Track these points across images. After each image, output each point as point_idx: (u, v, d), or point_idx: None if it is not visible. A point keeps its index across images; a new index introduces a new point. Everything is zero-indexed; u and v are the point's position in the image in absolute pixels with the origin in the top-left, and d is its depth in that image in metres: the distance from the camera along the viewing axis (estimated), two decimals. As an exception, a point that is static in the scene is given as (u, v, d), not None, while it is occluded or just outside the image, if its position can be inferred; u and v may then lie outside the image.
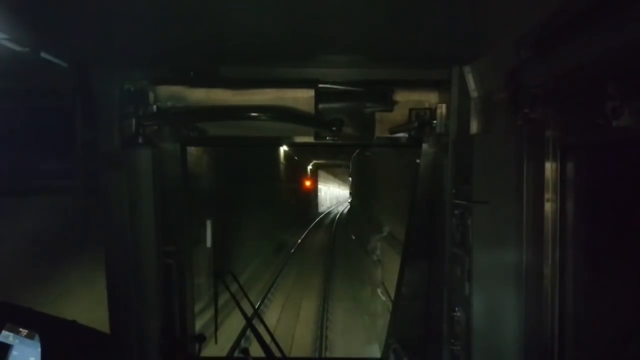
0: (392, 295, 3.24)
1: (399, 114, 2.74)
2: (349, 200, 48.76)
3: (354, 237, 23.80)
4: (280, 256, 21.27)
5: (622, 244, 1.63)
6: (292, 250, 23.40)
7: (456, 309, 2.27)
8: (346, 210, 49.37)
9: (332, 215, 48.39)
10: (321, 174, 55.67)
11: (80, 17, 2.08)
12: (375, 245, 15.92)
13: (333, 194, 79.01)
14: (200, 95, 2.71)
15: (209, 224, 9.78)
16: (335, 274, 18.30)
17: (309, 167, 43.88)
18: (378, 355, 3.30)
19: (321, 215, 46.36)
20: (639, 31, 1.15)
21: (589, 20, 1.42)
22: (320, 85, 2.66)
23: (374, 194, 20.66)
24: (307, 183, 41.71)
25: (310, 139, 2.82)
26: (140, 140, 2.56)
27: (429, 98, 2.72)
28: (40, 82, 2.54)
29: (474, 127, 2.42)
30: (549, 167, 1.84)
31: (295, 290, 16.01)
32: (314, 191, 50.02)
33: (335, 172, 59.74)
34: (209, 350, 3.42)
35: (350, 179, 47.47)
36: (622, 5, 1.24)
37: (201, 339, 3.06)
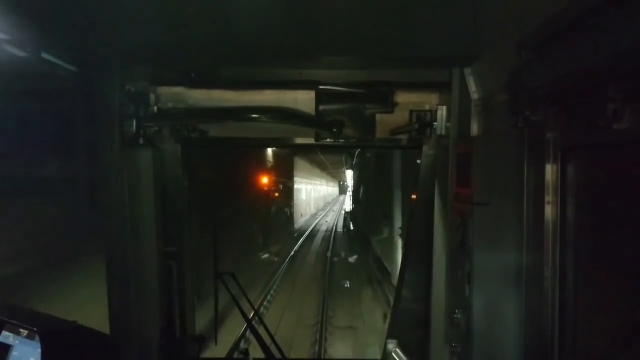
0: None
1: (399, 116, 2.74)
2: (347, 209, 34.89)
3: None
4: None
5: (622, 246, 1.63)
6: None
7: (456, 310, 2.27)
8: (341, 221, 34.96)
9: (320, 241, 26.75)
10: (300, 164, 36.88)
11: (81, 18, 2.09)
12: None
13: (319, 193, 62.53)
14: (200, 96, 2.72)
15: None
16: None
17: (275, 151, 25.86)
18: (378, 357, 3.30)
19: (300, 240, 25.42)
20: (639, 31, 1.15)
21: (590, 22, 1.42)
22: (320, 87, 2.67)
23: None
24: (264, 180, 23.67)
25: (310, 140, 2.82)
26: (140, 141, 2.56)
27: (430, 99, 2.72)
28: (41, 83, 2.55)
29: (474, 128, 2.42)
30: (550, 169, 1.84)
31: None
32: (287, 193, 29.75)
33: (322, 163, 44.06)
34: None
35: (348, 172, 37.90)
36: (623, 7, 1.24)
37: (201, 339, 3.06)
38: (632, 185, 1.54)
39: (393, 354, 2.92)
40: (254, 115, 2.63)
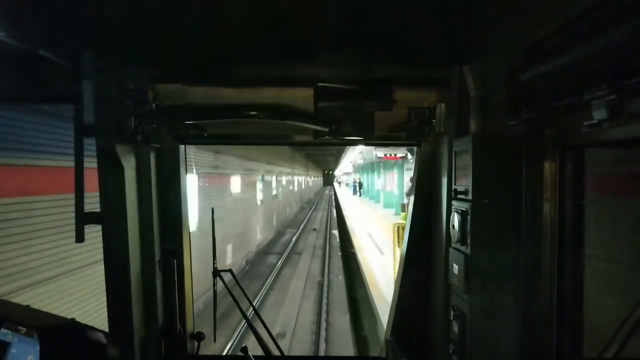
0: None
1: (398, 113, 2.74)
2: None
3: None
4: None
5: (620, 243, 1.63)
6: None
7: (455, 307, 2.28)
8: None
9: None
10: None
11: (80, 15, 2.08)
12: None
13: (292, 190, 39.92)
14: (199, 93, 2.71)
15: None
16: None
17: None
18: (377, 354, 3.31)
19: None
20: (638, 31, 1.15)
21: (588, 20, 1.42)
22: (319, 84, 2.66)
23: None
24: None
25: (309, 138, 2.83)
26: (139, 138, 2.56)
27: (429, 97, 2.72)
28: (38, 80, 2.54)
29: (473, 126, 2.42)
30: (548, 166, 1.85)
31: None
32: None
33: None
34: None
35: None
36: (621, 5, 1.24)
37: (200, 336, 3.07)
38: (630, 182, 1.54)
39: (392, 351, 2.93)
40: (252, 113, 2.63)
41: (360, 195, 52.58)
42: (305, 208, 49.62)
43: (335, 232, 30.64)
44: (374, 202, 39.64)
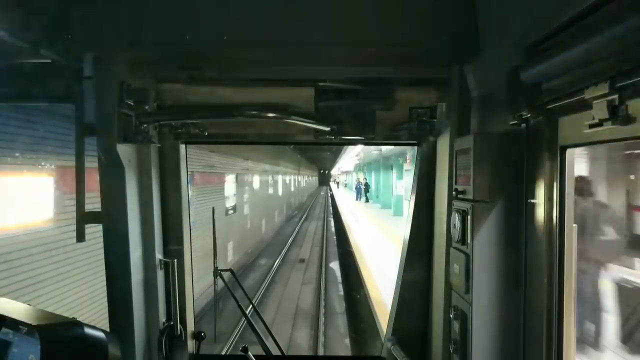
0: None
1: (399, 113, 2.75)
2: None
3: None
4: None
5: (621, 242, 1.63)
6: None
7: (455, 307, 2.28)
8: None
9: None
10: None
11: (82, 14, 2.08)
12: None
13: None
14: (200, 93, 2.72)
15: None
16: None
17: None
18: (377, 353, 3.31)
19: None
20: (638, 31, 1.16)
21: (589, 19, 1.43)
22: (320, 84, 2.67)
23: None
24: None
25: (310, 138, 2.83)
26: (140, 138, 2.56)
27: (429, 97, 2.72)
28: (40, 80, 2.55)
29: (473, 125, 2.42)
30: (548, 166, 1.84)
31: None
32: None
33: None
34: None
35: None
36: (621, 4, 1.24)
37: (200, 336, 3.07)
38: (630, 181, 1.54)
39: (392, 351, 2.93)
40: (253, 113, 2.63)
41: (367, 201, 40.07)
42: (295, 216, 38.19)
43: (335, 265, 18.99)
44: (391, 214, 26.58)
